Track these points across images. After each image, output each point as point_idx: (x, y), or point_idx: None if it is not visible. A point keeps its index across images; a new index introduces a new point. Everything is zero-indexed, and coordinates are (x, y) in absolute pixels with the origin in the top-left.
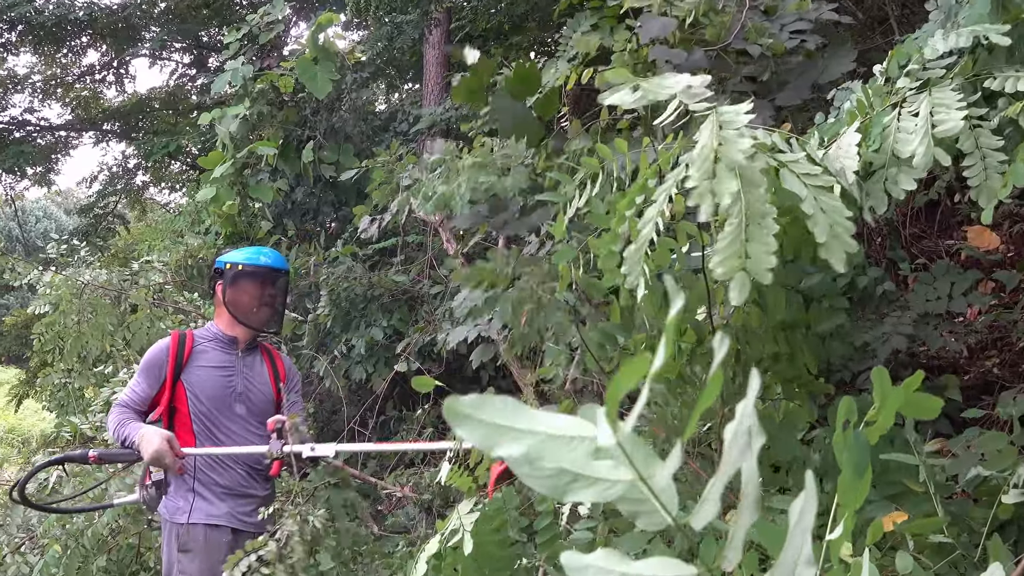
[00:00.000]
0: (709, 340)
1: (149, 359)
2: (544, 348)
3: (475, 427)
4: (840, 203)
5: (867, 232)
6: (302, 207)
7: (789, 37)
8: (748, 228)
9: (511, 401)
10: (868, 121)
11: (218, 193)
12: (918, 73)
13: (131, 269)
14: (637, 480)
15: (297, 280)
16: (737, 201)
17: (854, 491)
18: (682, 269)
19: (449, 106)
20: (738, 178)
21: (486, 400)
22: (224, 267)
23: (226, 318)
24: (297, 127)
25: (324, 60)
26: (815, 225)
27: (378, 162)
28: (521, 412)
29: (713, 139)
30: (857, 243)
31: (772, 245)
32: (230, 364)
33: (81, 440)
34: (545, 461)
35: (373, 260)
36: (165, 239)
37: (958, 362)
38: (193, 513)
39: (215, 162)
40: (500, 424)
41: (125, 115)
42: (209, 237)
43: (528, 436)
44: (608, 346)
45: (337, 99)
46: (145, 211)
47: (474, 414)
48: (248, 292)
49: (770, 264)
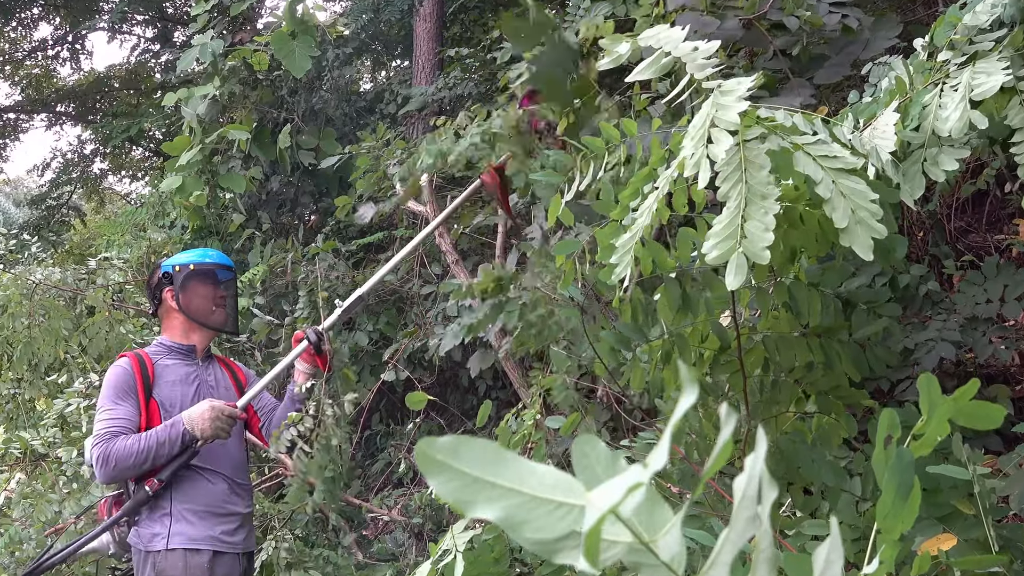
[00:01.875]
0: (734, 347)
1: (118, 382)
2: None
3: (450, 478)
4: (863, 185)
5: (908, 226)
6: (278, 198)
7: (829, 11)
8: (746, 209)
9: (493, 448)
10: (908, 100)
11: (184, 183)
12: (964, 47)
13: (88, 267)
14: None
15: (273, 279)
16: (737, 184)
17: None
18: (703, 266)
19: (442, 85)
20: (740, 140)
21: (465, 445)
22: (172, 270)
23: (179, 326)
24: (273, 109)
25: (302, 34)
26: (832, 209)
27: (363, 147)
28: (505, 463)
29: (711, 108)
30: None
31: (770, 222)
32: (194, 375)
33: (32, 458)
34: (526, 529)
35: (357, 257)
36: (126, 233)
37: (1009, 371)
38: (172, 538)
39: (181, 148)
40: (479, 477)
41: (81, 95)
42: (175, 231)
43: (510, 496)
44: (621, 350)
45: (317, 78)
46: (103, 202)
47: (450, 462)
48: (202, 293)
49: (766, 241)
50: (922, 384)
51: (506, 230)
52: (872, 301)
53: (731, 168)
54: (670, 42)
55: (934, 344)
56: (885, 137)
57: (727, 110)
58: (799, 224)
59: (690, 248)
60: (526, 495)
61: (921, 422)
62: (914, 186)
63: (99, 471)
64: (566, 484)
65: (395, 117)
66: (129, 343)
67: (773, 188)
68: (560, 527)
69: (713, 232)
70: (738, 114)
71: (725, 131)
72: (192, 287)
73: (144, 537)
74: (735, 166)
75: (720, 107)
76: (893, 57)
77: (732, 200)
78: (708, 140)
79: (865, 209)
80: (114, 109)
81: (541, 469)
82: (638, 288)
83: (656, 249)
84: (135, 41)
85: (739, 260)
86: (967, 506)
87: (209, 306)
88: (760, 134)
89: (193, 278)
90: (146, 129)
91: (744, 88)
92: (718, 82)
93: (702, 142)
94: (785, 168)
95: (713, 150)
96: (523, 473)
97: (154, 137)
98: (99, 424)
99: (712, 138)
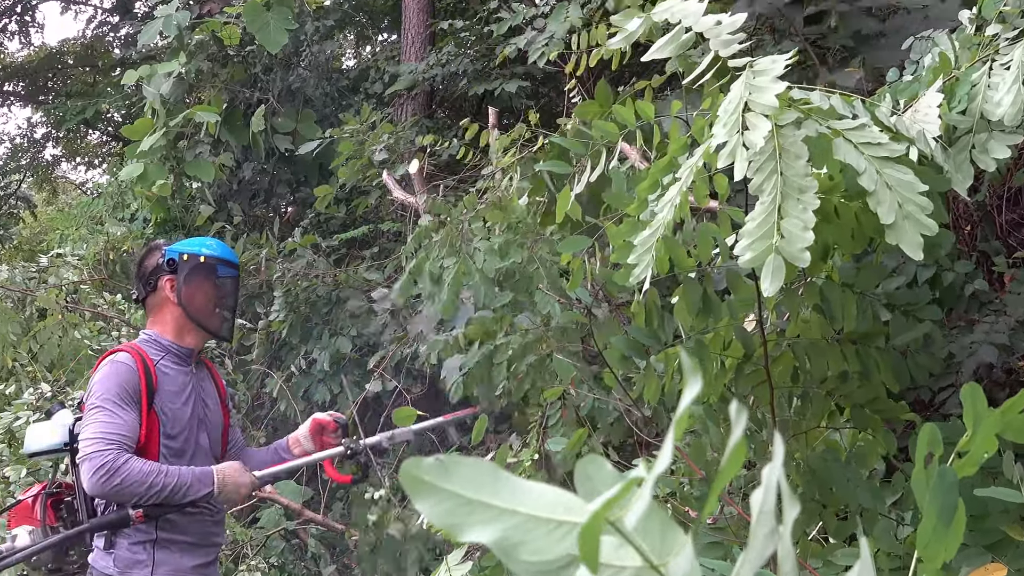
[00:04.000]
0: (759, 355)
1: (123, 382)
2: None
3: (439, 500)
4: (911, 175)
5: (954, 219)
6: (251, 188)
7: None
8: (783, 204)
9: (487, 467)
10: (954, 80)
11: (146, 170)
12: (1016, 19)
13: (39, 265)
14: (648, 570)
15: (245, 278)
16: (772, 175)
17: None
18: (725, 264)
19: (434, 62)
20: (773, 125)
21: (455, 465)
22: (179, 258)
23: (173, 323)
24: (245, 88)
25: (278, 5)
26: (878, 204)
27: (345, 131)
28: (500, 482)
29: (744, 90)
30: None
31: (809, 220)
32: (191, 385)
33: None
34: (523, 551)
35: (339, 253)
36: (81, 227)
37: None
38: (157, 568)
39: (143, 132)
40: (471, 498)
41: (31, 73)
42: (135, 225)
43: (505, 517)
44: (634, 357)
45: (294, 54)
46: (56, 192)
47: (440, 483)
48: (207, 290)
49: (806, 242)
50: (966, 395)
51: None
52: (913, 303)
53: (764, 157)
54: (689, 16)
55: (978, 347)
56: (928, 121)
57: (762, 92)
58: (833, 218)
59: (711, 245)
60: (522, 515)
61: (966, 437)
62: (963, 176)
63: (96, 480)
64: (566, 502)
65: (381, 97)
66: (85, 350)
67: (812, 180)
68: (559, 548)
69: (746, 231)
70: (775, 96)
71: (761, 115)
72: (198, 282)
73: (121, 562)
74: (768, 155)
75: (754, 88)
76: (937, 31)
77: (766, 194)
78: (743, 126)
79: (913, 202)
80: (68, 88)
81: (539, 488)
82: (653, 289)
83: (674, 246)
84: (91, 12)
85: (776, 263)
86: (1018, 532)
87: (211, 306)
88: (796, 119)
89: (201, 272)
90: (103, 111)
91: (780, 66)
92: (747, 60)
93: (736, 128)
94: (822, 156)
95: (749, 137)
96: (519, 492)
97: (112, 120)
98: (101, 425)
99: (747, 124)
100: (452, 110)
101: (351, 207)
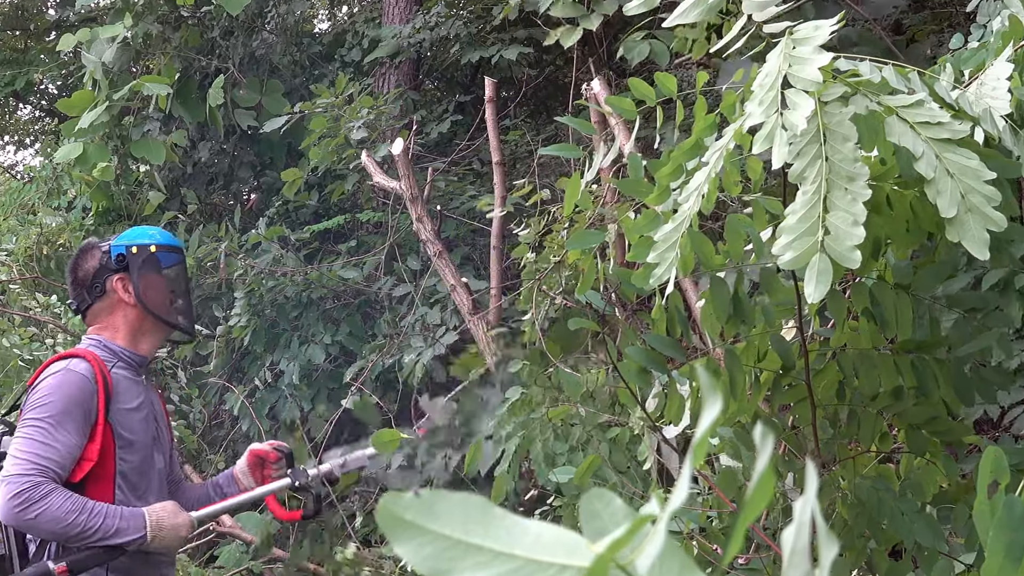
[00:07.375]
0: (800, 367)
1: (72, 395)
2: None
3: (423, 543)
4: (976, 161)
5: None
6: (208, 171)
7: None
8: (829, 195)
9: (478, 503)
10: None
11: (86, 151)
12: None
13: None
14: None
15: (201, 276)
16: (816, 160)
17: None
18: (759, 262)
19: (421, 25)
20: (816, 103)
21: (441, 501)
22: (128, 252)
23: (130, 328)
24: (201, 56)
25: None
26: (937, 194)
27: (318, 105)
28: (493, 520)
29: (782, 61)
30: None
31: (860, 213)
32: (145, 400)
33: None
34: None
35: (311, 248)
36: (10, 217)
37: None
38: None
39: (82, 106)
40: (461, 540)
41: None
42: (74, 214)
43: (499, 561)
44: (653, 370)
45: (258, 15)
46: None
47: (423, 522)
48: (165, 283)
49: (856, 239)
50: None
51: (503, 214)
52: (979, 308)
53: (806, 140)
54: None
55: None
56: (997, 96)
57: (804, 64)
58: (885, 209)
59: (743, 240)
60: (520, 559)
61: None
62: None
63: (9, 507)
64: (569, 543)
65: (360, 66)
66: (14, 361)
67: (862, 166)
68: None
69: (786, 226)
70: (819, 69)
71: (803, 92)
72: (154, 275)
73: None
74: (811, 137)
75: (794, 60)
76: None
77: (809, 183)
78: (782, 104)
79: (979, 192)
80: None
81: (537, 526)
82: (676, 292)
83: (700, 241)
84: None
85: (822, 264)
86: None
87: (172, 300)
88: (843, 93)
89: (153, 263)
90: (36, 82)
91: (825, 33)
92: (786, 25)
93: (774, 106)
94: (872, 138)
95: (790, 117)
96: (515, 532)
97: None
98: (33, 445)
99: (787, 102)
100: (442, 81)
101: (324, 194)
